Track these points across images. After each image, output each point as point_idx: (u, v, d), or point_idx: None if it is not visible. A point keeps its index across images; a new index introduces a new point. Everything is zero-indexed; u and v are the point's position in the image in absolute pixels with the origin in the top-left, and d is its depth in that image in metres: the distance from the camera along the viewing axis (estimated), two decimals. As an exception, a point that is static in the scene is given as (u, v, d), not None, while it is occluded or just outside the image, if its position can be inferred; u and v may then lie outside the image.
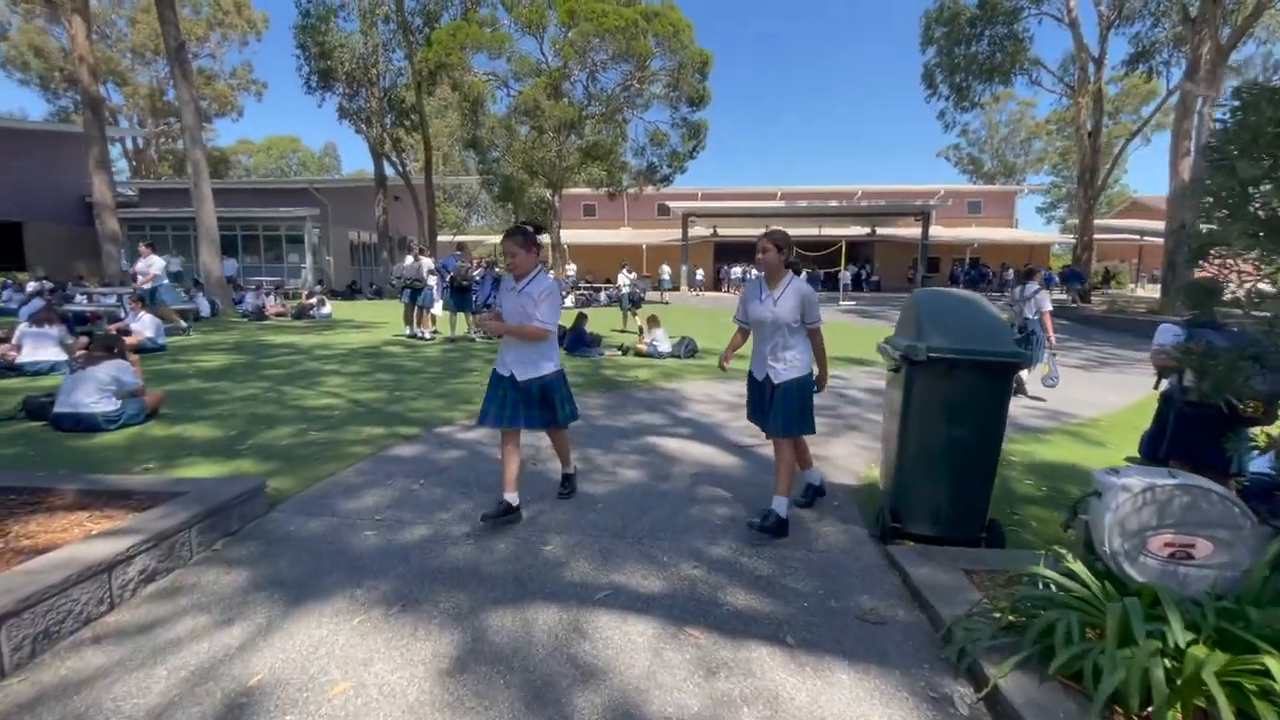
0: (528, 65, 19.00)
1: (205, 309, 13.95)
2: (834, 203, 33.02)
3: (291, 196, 23.41)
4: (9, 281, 18.06)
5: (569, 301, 17.52)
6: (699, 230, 36.16)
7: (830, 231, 36.67)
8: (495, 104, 20.40)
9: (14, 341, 6.96)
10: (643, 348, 9.86)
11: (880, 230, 37.18)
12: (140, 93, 38.58)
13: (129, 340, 8.39)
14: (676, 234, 33.72)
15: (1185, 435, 3.16)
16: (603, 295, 21.99)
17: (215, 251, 15.02)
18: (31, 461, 4.11)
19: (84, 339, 8.47)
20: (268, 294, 15.46)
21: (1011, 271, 31.92)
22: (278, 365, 8.14)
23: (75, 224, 24.63)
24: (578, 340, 9.90)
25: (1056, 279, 32.14)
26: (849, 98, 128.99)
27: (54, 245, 24.07)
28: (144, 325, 8.63)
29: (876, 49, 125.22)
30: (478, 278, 11.29)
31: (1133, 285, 36.40)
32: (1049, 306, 7.42)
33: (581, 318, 10.25)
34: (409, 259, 11.22)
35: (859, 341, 11.89)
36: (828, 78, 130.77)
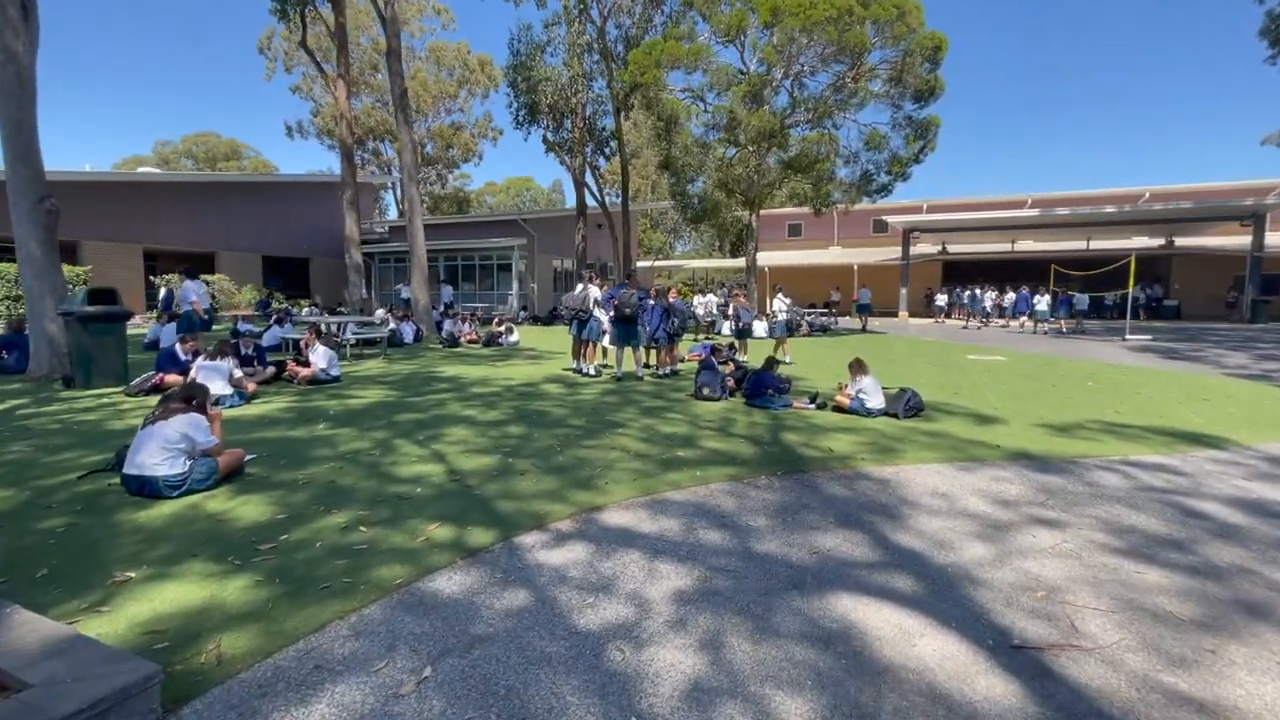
0: (725, 75, 17.55)
1: (409, 335, 14.73)
2: (1110, 208, 26.12)
3: (503, 228, 25.03)
4: (289, 308, 21.52)
5: (759, 329, 15.38)
6: (923, 248, 31.39)
7: (1103, 244, 29.25)
8: (692, 120, 19.30)
9: (191, 375, 7.14)
10: (844, 401, 7.48)
11: (1179, 240, 28.71)
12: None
13: (304, 373, 8.48)
14: (894, 252, 29.56)
15: None
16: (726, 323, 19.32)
17: (424, 281, 15.99)
18: (46, 545, 3.42)
19: (269, 369, 8.79)
20: (464, 321, 16.02)
21: None
22: (420, 407, 7.50)
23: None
24: (759, 385, 7.88)
25: None
26: (1121, 78, 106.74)
27: (331, 277, 28.81)
28: (319, 357, 8.73)
29: (1160, 13, 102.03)
30: (647, 306, 9.91)
31: None
32: None
33: (770, 363, 8.21)
34: (578, 287, 10.26)
35: (1194, 399, 7.93)
36: (1090, 53, 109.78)
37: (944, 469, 5.23)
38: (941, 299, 27.90)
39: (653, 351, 10.75)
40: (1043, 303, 22.73)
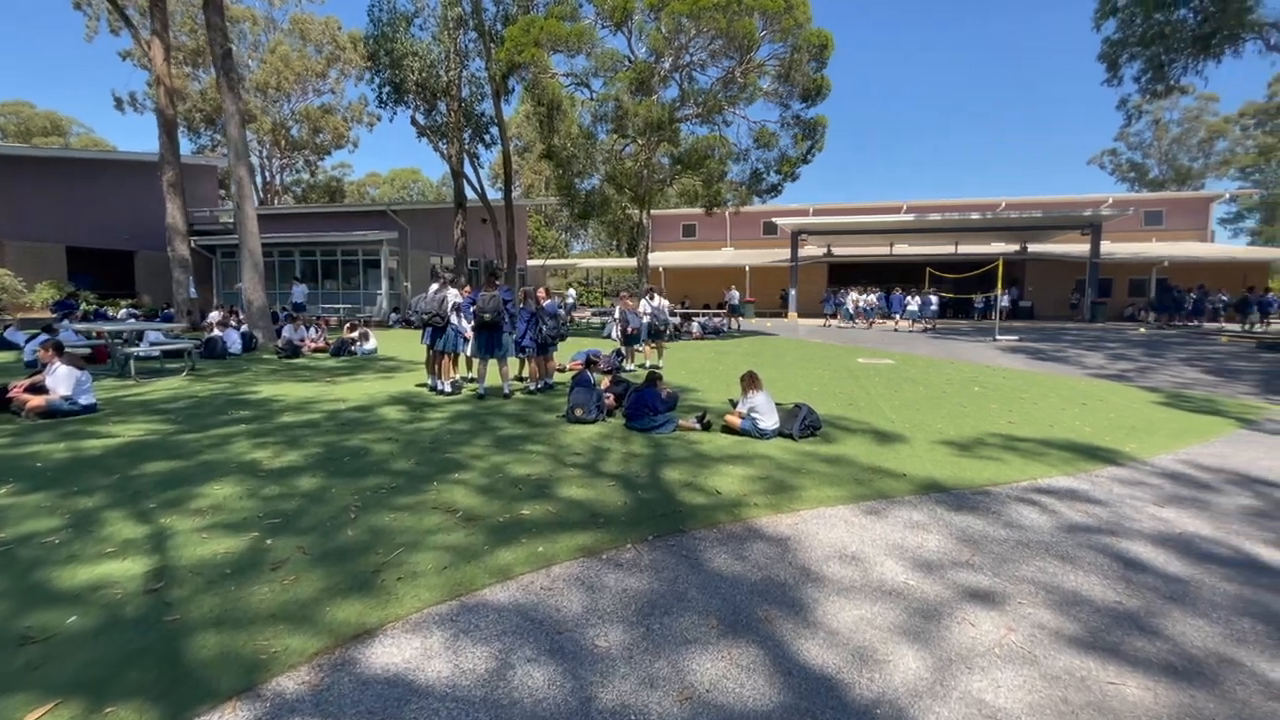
0: (611, 60, 16.40)
1: (236, 344, 12.29)
2: (974, 215, 27.84)
3: (371, 220, 22.45)
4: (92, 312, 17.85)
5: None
6: (810, 250, 32.08)
7: (970, 249, 31.24)
8: (578, 109, 18.01)
9: None
10: (735, 421, 6.51)
11: (1032, 247, 31.25)
12: (264, 127, 40.78)
13: (33, 403, 6.28)
14: (784, 254, 29.94)
15: None
16: (613, 329, 18.73)
17: (258, 278, 13.52)
18: None
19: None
20: (308, 327, 13.72)
21: (1226, 297, 25.09)
22: (188, 450, 5.63)
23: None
24: (640, 404, 6.73)
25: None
26: (981, 104, 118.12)
27: (162, 274, 24.64)
28: (58, 381, 6.50)
29: (1003, 48, 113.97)
30: (515, 310, 8.49)
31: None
32: None
33: (653, 377, 7.07)
34: (432, 288, 8.66)
35: (1075, 405, 7.76)
36: (955, 80, 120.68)
37: (850, 513, 4.30)
38: (855, 298, 28.61)
39: (532, 365, 9.35)
40: (914, 304, 23.72)
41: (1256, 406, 8.89)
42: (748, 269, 31.58)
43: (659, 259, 33.92)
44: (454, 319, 8.49)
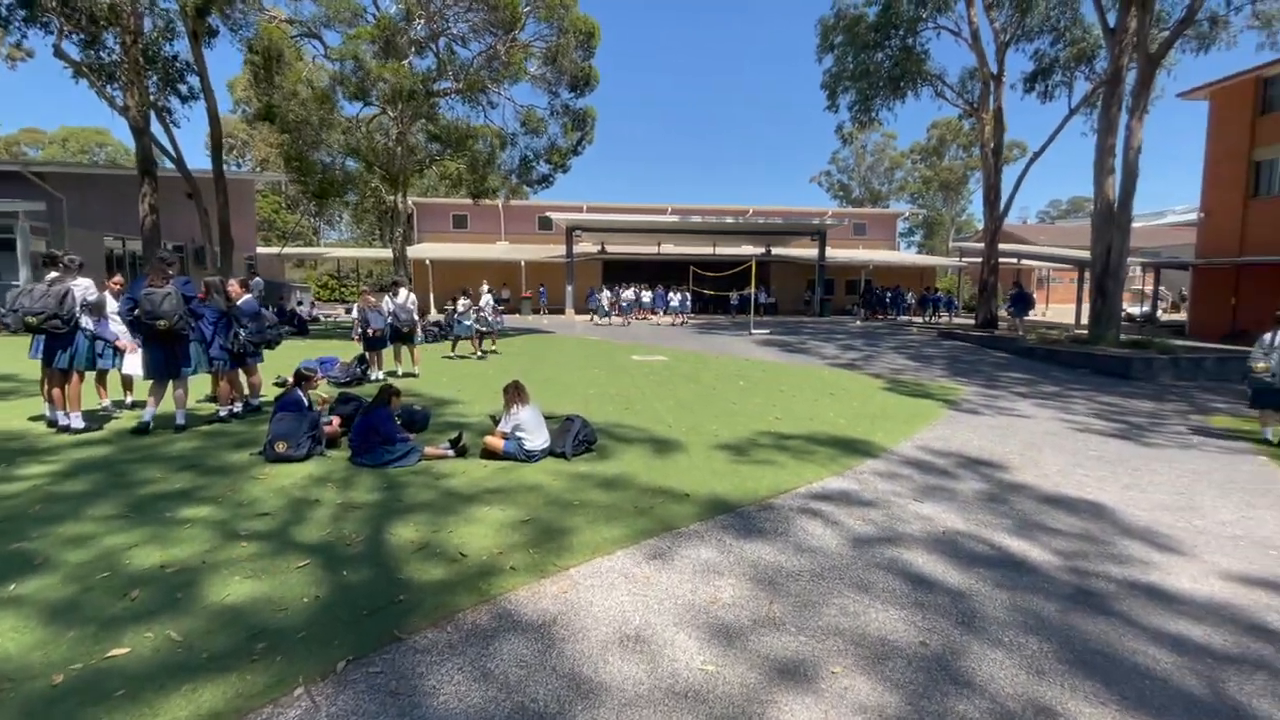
0: (346, 7, 13.86)
1: None
2: (729, 219, 30.40)
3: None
4: None
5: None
6: (586, 247, 32.06)
7: (724, 250, 34.08)
8: (312, 66, 14.98)
9: None
10: (497, 443, 5.36)
11: (775, 250, 35.25)
12: None
13: None
14: (559, 250, 29.38)
15: None
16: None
17: None
18: None
19: None
20: None
21: (914, 296, 30.82)
22: None
23: None
24: (369, 430, 5.18)
25: (954, 302, 31.60)
26: (726, 117, 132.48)
27: None
28: None
29: (749, 69, 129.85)
30: (204, 308, 6.20)
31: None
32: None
33: (386, 393, 5.52)
34: (49, 276, 5.93)
35: (839, 396, 8.16)
36: (701, 93, 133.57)
37: (632, 560, 3.48)
38: (629, 295, 28.75)
39: (221, 383, 6.97)
40: (676, 300, 24.91)
41: (951, 388, 10.46)
42: (523, 264, 30.41)
43: (426, 251, 30.97)
44: (86, 321, 5.90)
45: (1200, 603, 3.29)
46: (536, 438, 5.37)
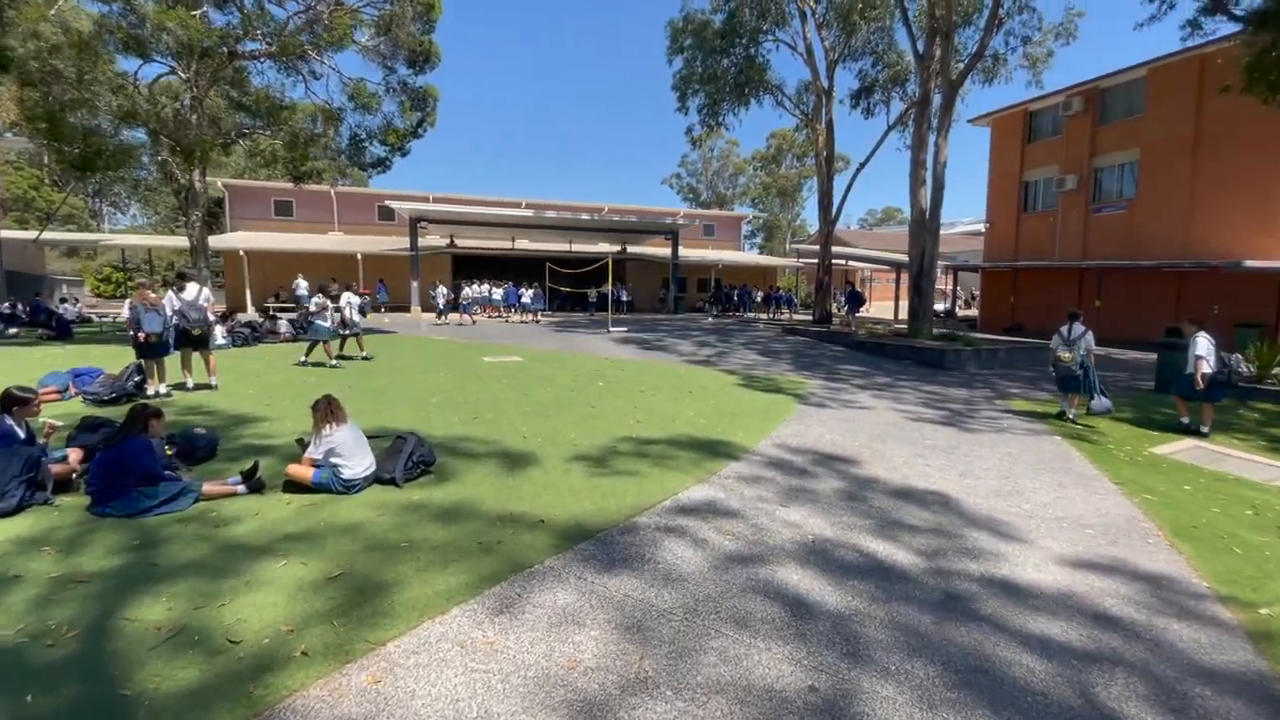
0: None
1: None
2: (585, 216, 30.00)
3: None
4: None
5: (220, 337, 9.98)
6: (433, 240, 29.91)
7: (581, 247, 33.68)
8: (69, 8, 12.02)
9: None
10: (304, 473, 4.35)
11: (631, 248, 35.53)
12: None
13: None
14: (402, 242, 27.06)
15: None
16: (283, 323, 14.83)
17: None
18: None
19: None
20: None
21: (760, 294, 32.58)
22: None
23: None
24: (117, 468, 3.92)
25: (794, 299, 33.94)
26: (585, 113, 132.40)
27: None
28: None
29: (595, 70, 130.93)
30: None
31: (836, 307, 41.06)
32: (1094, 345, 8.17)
33: (140, 416, 4.22)
34: None
35: (695, 394, 7.96)
36: (556, 86, 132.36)
37: (471, 622, 2.81)
38: (476, 290, 26.91)
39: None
40: (527, 296, 23.85)
41: (799, 382, 10.88)
42: (359, 257, 27.60)
43: (240, 240, 26.94)
44: None
45: (1050, 595, 3.35)
46: (357, 463, 4.44)
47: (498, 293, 24.88)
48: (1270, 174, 18.22)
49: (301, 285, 19.51)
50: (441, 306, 22.55)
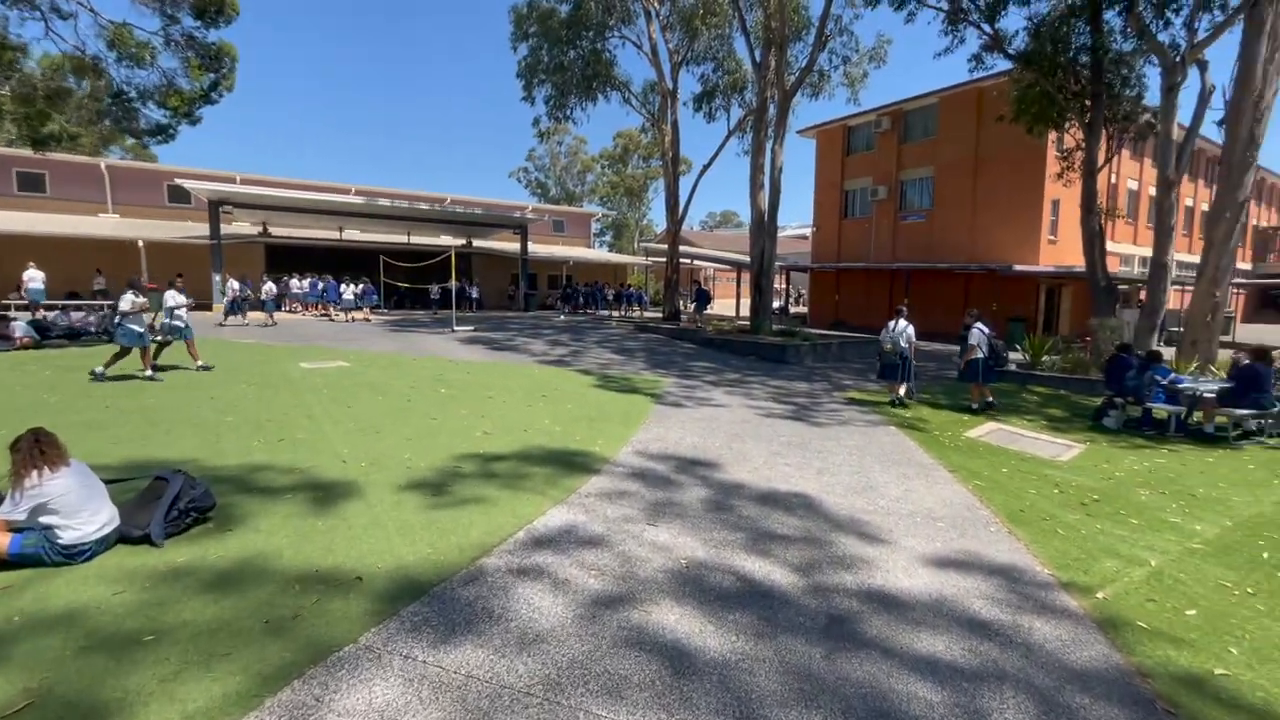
0: None
1: None
2: (424, 205, 27.80)
3: None
4: None
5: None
6: (242, 228, 25.91)
7: (422, 240, 31.29)
8: None
9: None
10: (-3, 541, 3.06)
11: (476, 242, 33.73)
12: None
13: None
14: (201, 229, 23.05)
15: None
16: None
17: None
18: None
19: None
20: None
21: (612, 292, 32.53)
22: None
23: None
24: None
25: (644, 297, 34.38)
26: (427, 98, 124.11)
27: None
28: None
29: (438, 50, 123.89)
30: None
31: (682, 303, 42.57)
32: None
33: None
34: None
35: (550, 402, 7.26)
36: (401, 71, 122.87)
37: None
38: (298, 284, 23.32)
39: None
40: (351, 292, 21.20)
41: (654, 380, 10.70)
42: (141, 245, 23.00)
43: (-43, 219, 21.12)
44: None
45: (924, 603, 3.26)
46: (85, 520, 3.23)
47: (313, 285, 22.04)
48: (1031, 194, 21.76)
49: (36, 278, 15.56)
50: (229, 304, 18.47)
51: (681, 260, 27.93)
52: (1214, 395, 8.32)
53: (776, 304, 38.55)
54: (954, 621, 3.08)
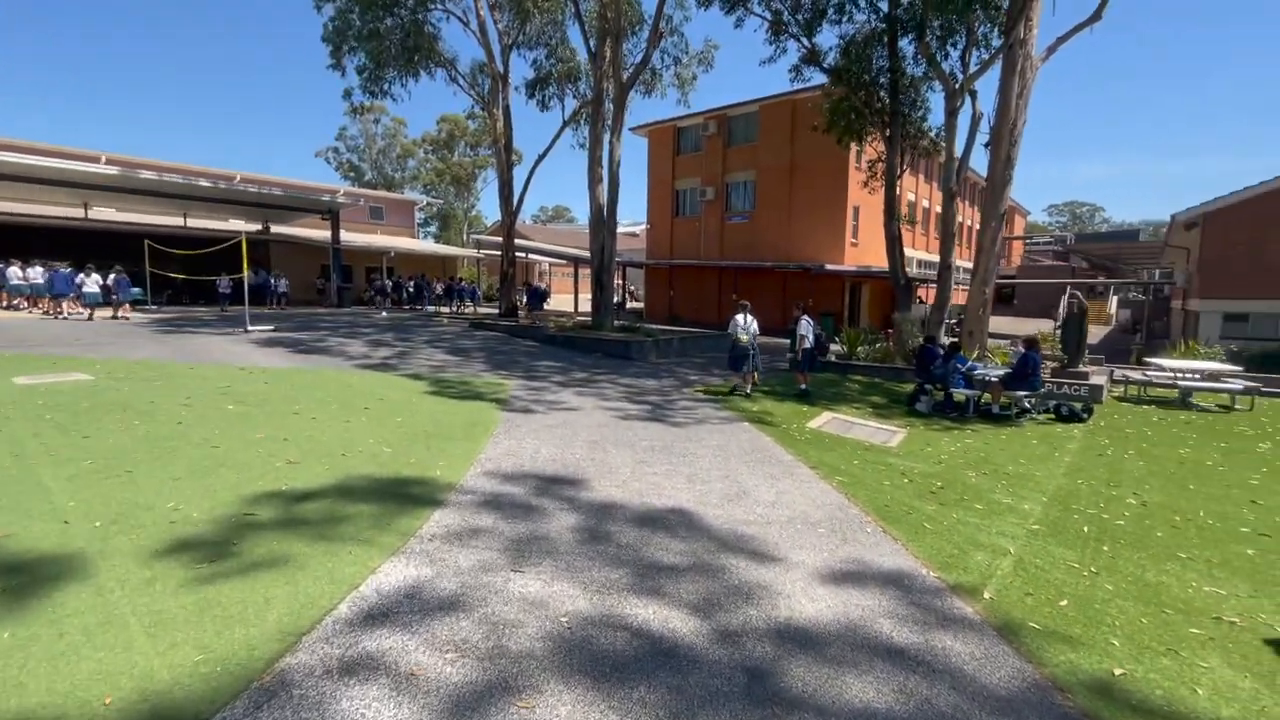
0: None
1: None
2: (204, 183, 23.31)
3: None
4: None
5: None
6: (-85, 195, 19.56)
7: (204, 223, 26.38)
8: None
9: None
10: None
11: (275, 227, 29.28)
12: None
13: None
14: None
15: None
16: None
17: None
18: None
19: None
20: None
21: (441, 286, 30.15)
22: None
23: None
24: None
25: (478, 292, 32.42)
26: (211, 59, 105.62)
27: None
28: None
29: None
30: None
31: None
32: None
33: None
34: None
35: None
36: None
37: None
38: (17, 274, 17.70)
39: None
40: (91, 284, 16.54)
41: (498, 384, 9.75)
42: None
43: None
44: None
45: (835, 633, 2.94)
46: None
47: (37, 276, 17.40)
48: (837, 200, 24.09)
49: None
50: None
51: (517, 254, 26.71)
52: (998, 380, 9.55)
53: (614, 299, 38.87)
54: (872, 653, 2.78)
